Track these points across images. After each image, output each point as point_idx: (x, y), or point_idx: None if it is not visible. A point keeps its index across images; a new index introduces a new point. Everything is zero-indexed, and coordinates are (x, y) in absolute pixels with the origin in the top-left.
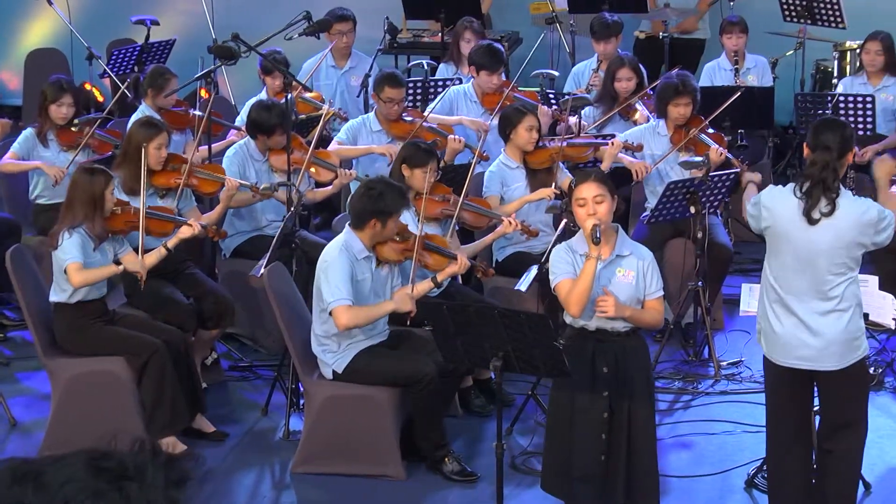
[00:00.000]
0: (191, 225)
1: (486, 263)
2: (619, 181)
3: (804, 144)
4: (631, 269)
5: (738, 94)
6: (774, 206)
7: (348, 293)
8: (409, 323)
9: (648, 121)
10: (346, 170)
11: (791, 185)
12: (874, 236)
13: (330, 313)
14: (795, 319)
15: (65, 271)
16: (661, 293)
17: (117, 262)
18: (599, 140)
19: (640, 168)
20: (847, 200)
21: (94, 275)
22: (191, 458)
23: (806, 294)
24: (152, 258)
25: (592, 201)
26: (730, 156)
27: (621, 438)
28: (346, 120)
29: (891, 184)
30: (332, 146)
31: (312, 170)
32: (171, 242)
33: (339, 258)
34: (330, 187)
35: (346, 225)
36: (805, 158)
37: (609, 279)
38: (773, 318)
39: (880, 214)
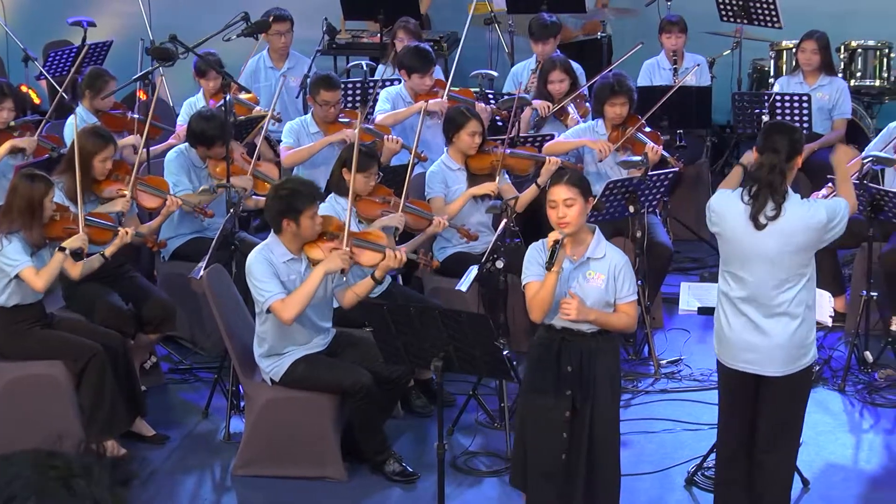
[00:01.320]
0: (126, 232)
1: (429, 254)
2: None
3: (753, 148)
4: (601, 272)
5: (672, 92)
6: (723, 210)
7: (278, 286)
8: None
9: (577, 124)
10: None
11: (739, 190)
12: (824, 235)
13: (268, 311)
14: (744, 321)
15: (16, 277)
16: (634, 297)
17: (61, 249)
18: (541, 155)
19: (602, 147)
20: (795, 204)
21: (49, 272)
22: (135, 459)
23: (755, 297)
24: (91, 264)
25: (563, 204)
26: (666, 153)
27: (582, 438)
28: (280, 120)
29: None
30: (283, 153)
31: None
32: (109, 251)
33: (255, 259)
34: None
35: (271, 231)
36: (753, 163)
37: (578, 281)
38: (724, 320)
39: (830, 215)
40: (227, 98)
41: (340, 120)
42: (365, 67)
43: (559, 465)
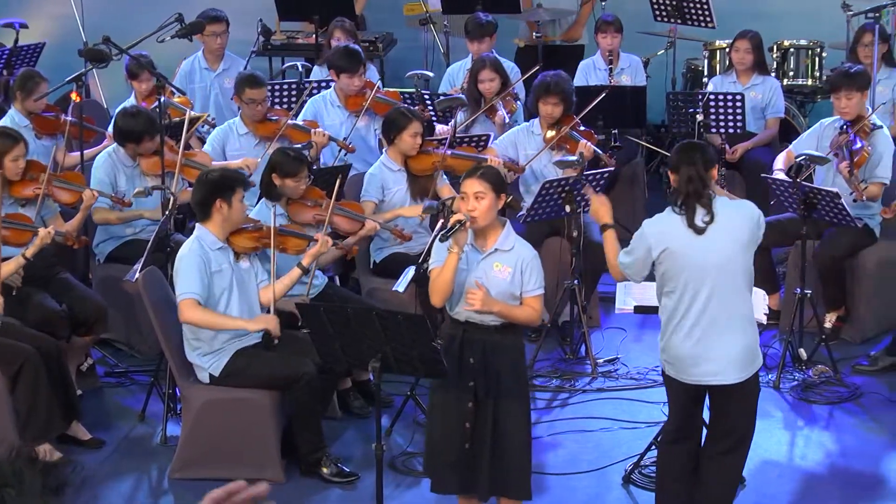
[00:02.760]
0: (49, 233)
1: (348, 243)
2: None
3: (669, 171)
4: (508, 264)
5: (605, 93)
6: (662, 229)
7: (199, 288)
8: (275, 342)
9: (505, 122)
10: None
11: (668, 208)
12: (758, 231)
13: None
14: (699, 337)
15: None
16: (540, 292)
17: None
18: (482, 156)
19: (516, 170)
20: (725, 205)
21: None
22: (68, 464)
23: (718, 309)
24: (10, 267)
25: (473, 197)
26: (598, 150)
27: (486, 430)
28: (215, 126)
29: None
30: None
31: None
32: (30, 252)
33: (188, 251)
34: None
35: (196, 223)
36: (673, 185)
37: (485, 272)
38: (686, 343)
39: (758, 210)
40: (162, 100)
41: (270, 118)
42: (300, 68)
43: (462, 455)
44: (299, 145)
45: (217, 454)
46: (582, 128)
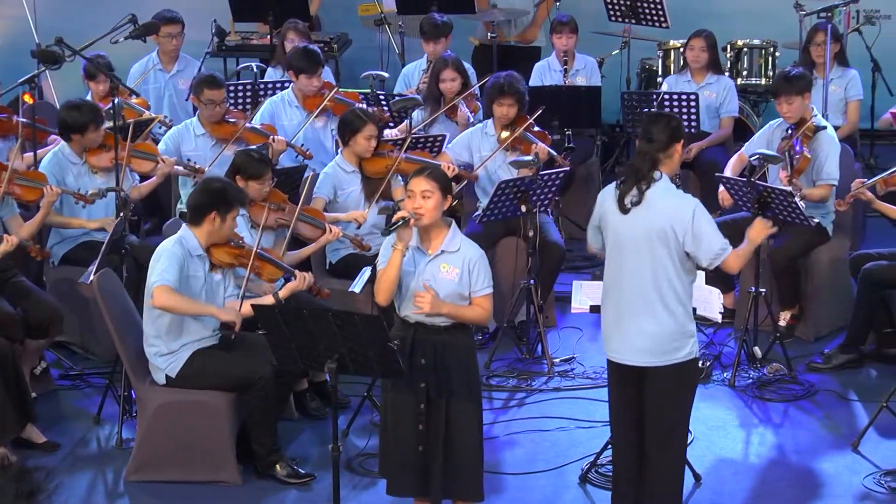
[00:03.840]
0: (14, 241)
1: (320, 285)
2: None
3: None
4: (456, 265)
5: (538, 111)
6: (604, 199)
7: (175, 278)
8: (233, 337)
9: (469, 121)
10: (166, 157)
11: (619, 179)
12: (684, 243)
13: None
14: (624, 315)
15: None
16: (489, 291)
17: None
18: (435, 162)
19: (470, 178)
20: (662, 191)
21: None
22: (41, 471)
23: (631, 289)
24: None
25: (420, 195)
26: (552, 152)
27: (439, 431)
28: (170, 127)
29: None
30: None
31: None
32: None
33: (172, 248)
34: (154, 178)
35: (183, 223)
36: None
37: (432, 274)
38: (608, 315)
39: (694, 210)
40: (116, 101)
41: (227, 120)
42: (255, 69)
43: (416, 456)
44: (256, 147)
45: (173, 456)
46: (536, 128)
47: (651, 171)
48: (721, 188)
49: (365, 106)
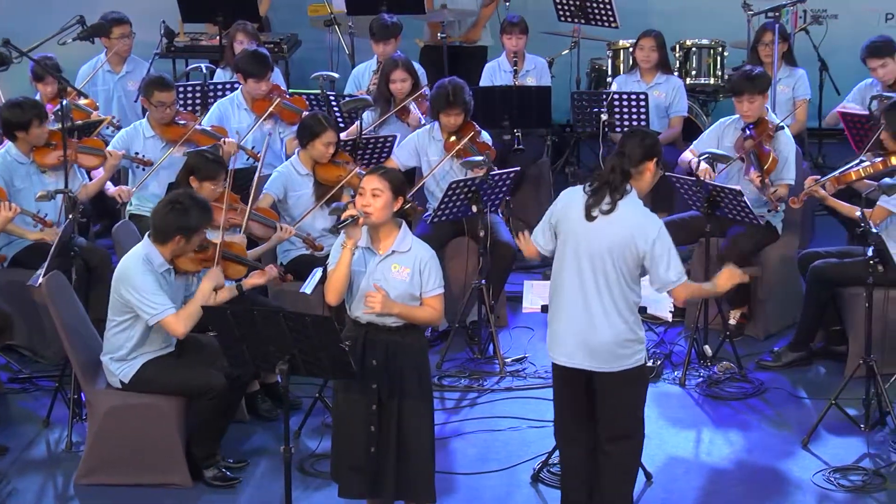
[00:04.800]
0: None
1: (271, 231)
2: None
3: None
4: (407, 265)
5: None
6: (567, 201)
7: (167, 300)
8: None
9: (421, 122)
10: (113, 150)
11: (585, 184)
12: (640, 258)
13: (153, 324)
14: (572, 319)
15: None
16: (440, 291)
17: None
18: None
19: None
20: (631, 206)
21: None
22: None
23: (584, 294)
24: None
25: (370, 193)
26: (495, 170)
27: (391, 432)
28: (119, 128)
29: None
30: None
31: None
32: None
33: (141, 270)
34: (102, 174)
35: (147, 236)
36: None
37: (383, 274)
38: (558, 319)
39: (660, 247)
40: (64, 103)
41: (177, 122)
42: (204, 70)
43: (368, 458)
44: (206, 148)
45: (123, 459)
46: (484, 136)
47: (623, 183)
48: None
49: (316, 111)
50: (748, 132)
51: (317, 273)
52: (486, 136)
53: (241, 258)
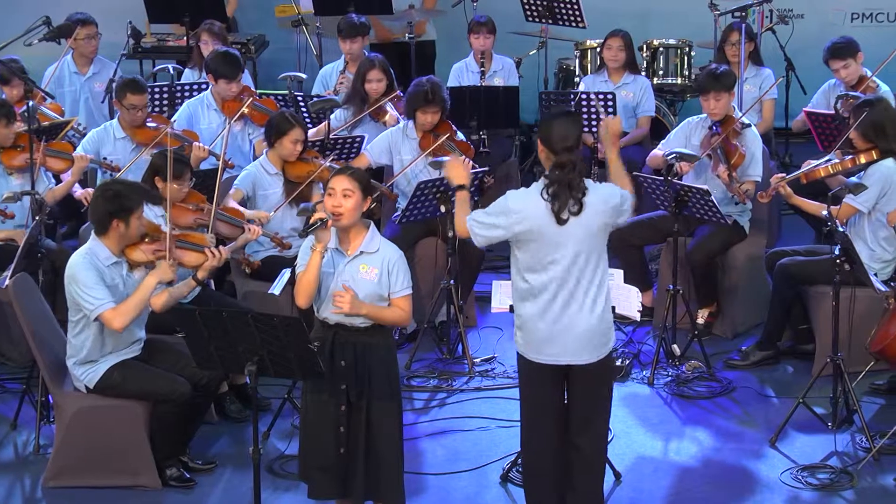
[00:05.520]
0: None
1: (248, 256)
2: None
3: (538, 141)
4: (375, 266)
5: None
6: (526, 207)
7: (108, 294)
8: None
9: (398, 122)
10: (81, 154)
11: (536, 186)
12: (617, 218)
13: (96, 319)
14: (551, 315)
15: None
16: (408, 292)
17: None
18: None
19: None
20: (593, 193)
21: None
22: None
23: (560, 289)
24: None
25: (340, 193)
26: (476, 169)
27: (360, 432)
28: (84, 134)
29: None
30: None
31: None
32: None
33: (83, 265)
34: (69, 177)
35: (91, 234)
36: (540, 155)
37: (352, 275)
38: (528, 316)
39: (622, 198)
40: (30, 104)
41: (148, 124)
42: (171, 71)
43: (337, 459)
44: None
45: (91, 462)
46: (459, 136)
47: (581, 179)
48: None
49: (283, 110)
50: (715, 129)
51: (285, 274)
52: (461, 136)
53: (195, 245)
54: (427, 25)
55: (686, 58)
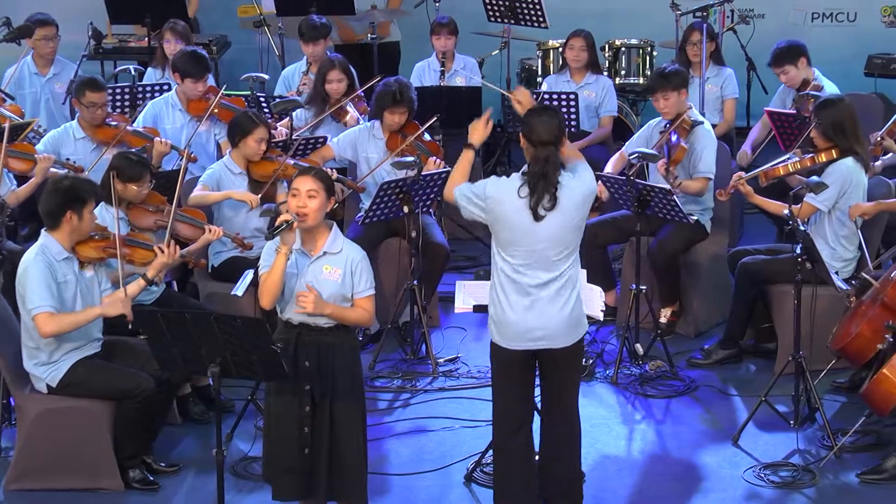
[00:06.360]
0: None
1: (199, 232)
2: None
3: (521, 135)
4: (338, 266)
5: (433, 120)
6: (501, 196)
7: (51, 298)
8: (129, 327)
9: (358, 123)
10: (44, 154)
11: (515, 177)
12: (589, 206)
13: (33, 319)
14: (528, 302)
15: None
16: (371, 292)
17: None
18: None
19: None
20: (567, 185)
21: None
22: None
23: (536, 276)
24: None
25: (305, 194)
26: (447, 168)
27: (324, 433)
28: (42, 134)
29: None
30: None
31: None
32: None
33: (34, 262)
34: (32, 180)
35: (42, 230)
36: (523, 149)
37: (315, 276)
38: (505, 305)
39: (593, 184)
40: None
41: (108, 123)
42: (133, 72)
43: (301, 460)
44: (135, 150)
45: (54, 464)
46: (427, 137)
47: (556, 172)
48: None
49: (246, 109)
50: (666, 127)
51: (248, 275)
52: (427, 136)
53: (145, 243)
54: (391, 26)
55: (648, 58)
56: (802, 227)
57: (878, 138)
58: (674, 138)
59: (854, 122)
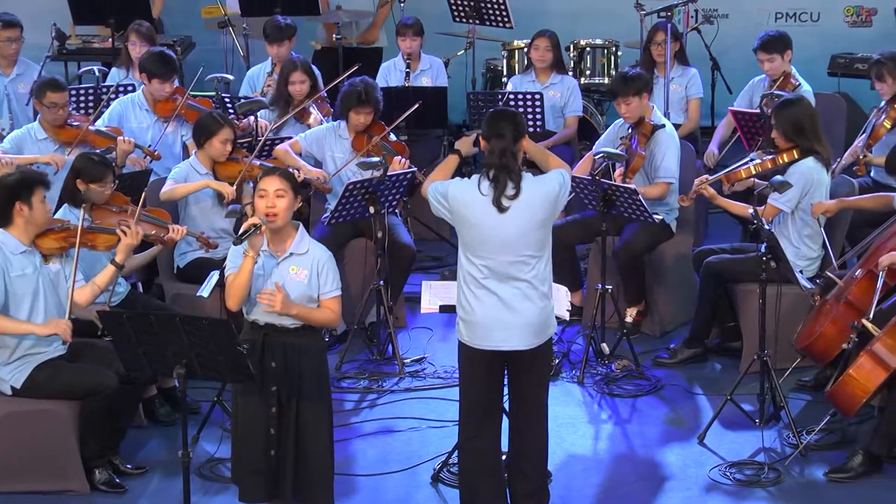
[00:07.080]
0: None
1: (162, 231)
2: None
3: (479, 137)
4: (304, 267)
5: (415, 106)
6: (464, 197)
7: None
8: (99, 334)
9: (321, 124)
10: (10, 158)
11: (476, 177)
12: (557, 206)
13: None
14: (494, 301)
15: None
16: (338, 293)
17: None
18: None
19: (320, 176)
20: (530, 182)
21: None
22: None
23: (504, 276)
24: None
25: (273, 194)
26: (413, 168)
27: (290, 434)
28: (2, 136)
29: None
30: None
31: None
32: None
33: None
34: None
35: None
36: (483, 150)
37: (281, 276)
38: (473, 304)
39: (561, 183)
40: None
41: (70, 123)
42: (97, 73)
43: (268, 461)
44: (99, 151)
45: (19, 467)
46: (393, 138)
47: (517, 163)
48: None
49: (211, 110)
50: (629, 131)
51: (213, 276)
52: (393, 136)
53: (105, 228)
54: (379, 32)
55: (613, 58)
56: (767, 227)
57: (861, 156)
58: (633, 146)
59: (814, 121)
